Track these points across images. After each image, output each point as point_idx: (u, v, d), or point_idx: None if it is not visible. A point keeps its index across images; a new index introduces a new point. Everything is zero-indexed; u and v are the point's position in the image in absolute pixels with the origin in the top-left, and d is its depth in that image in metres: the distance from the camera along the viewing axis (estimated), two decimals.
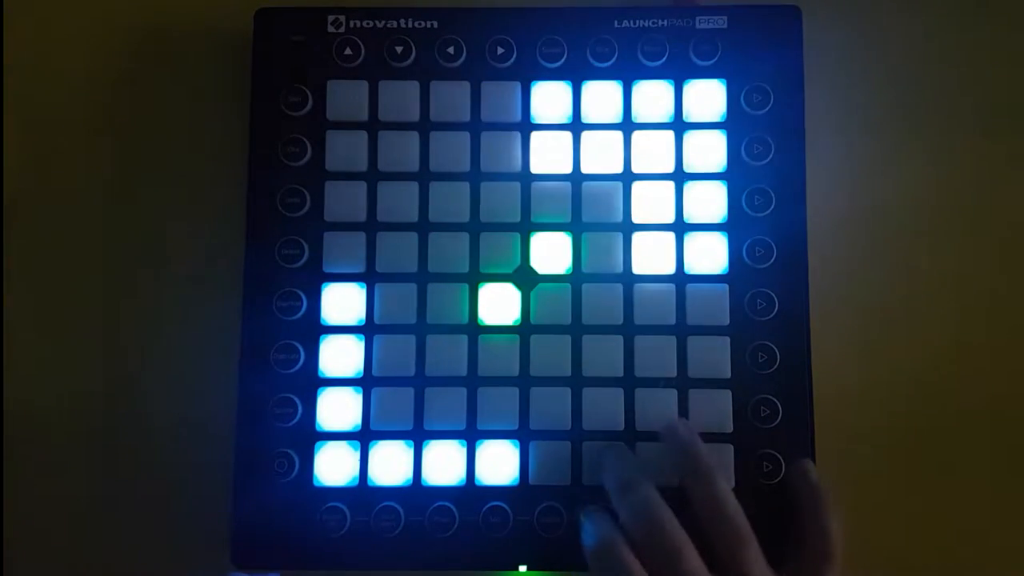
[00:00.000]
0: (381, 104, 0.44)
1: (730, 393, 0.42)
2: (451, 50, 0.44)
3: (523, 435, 0.42)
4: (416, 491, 0.42)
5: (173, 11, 0.48)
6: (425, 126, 0.44)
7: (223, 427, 0.43)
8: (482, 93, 0.44)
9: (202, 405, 0.44)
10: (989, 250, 0.45)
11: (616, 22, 0.44)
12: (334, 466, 0.42)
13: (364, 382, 0.43)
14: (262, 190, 0.43)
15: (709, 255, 0.43)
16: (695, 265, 0.43)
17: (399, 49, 0.44)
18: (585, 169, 0.44)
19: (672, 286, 0.43)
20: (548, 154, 0.44)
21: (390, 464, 0.42)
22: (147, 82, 0.47)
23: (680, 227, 0.43)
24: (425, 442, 0.42)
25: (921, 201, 0.46)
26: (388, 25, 0.44)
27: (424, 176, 0.44)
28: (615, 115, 0.44)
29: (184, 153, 0.46)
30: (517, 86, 0.44)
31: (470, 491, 0.42)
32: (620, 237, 0.43)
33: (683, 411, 0.42)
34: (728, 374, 0.42)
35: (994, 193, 0.46)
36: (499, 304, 0.43)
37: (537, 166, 0.44)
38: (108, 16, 0.48)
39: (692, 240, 0.43)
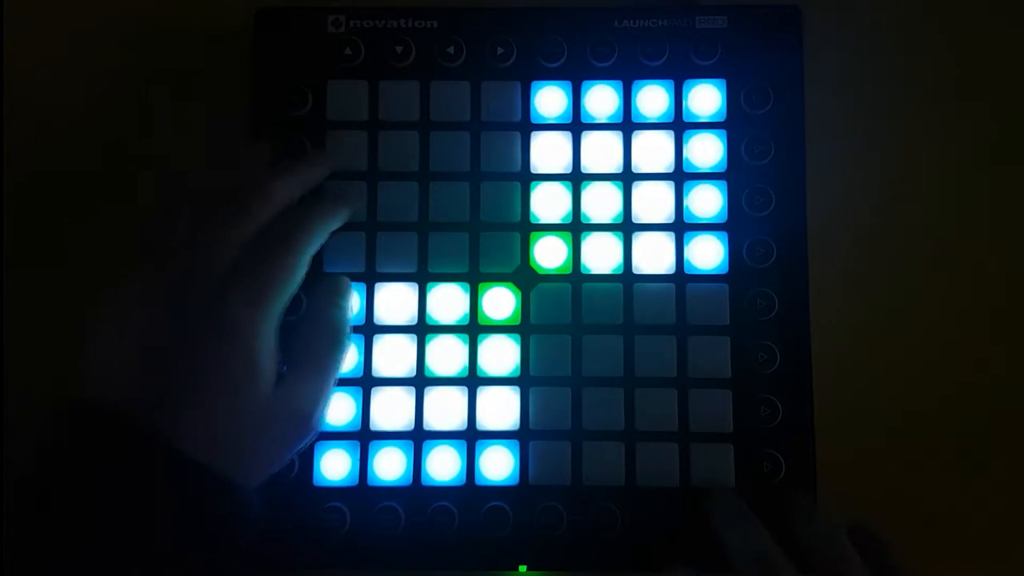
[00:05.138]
0: (381, 104, 0.44)
1: (730, 393, 0.42)
2: (451, 50, 0.44)
3: (523, 435, 0.42)
4: (416, 491, 0.42)
5: (173, 11, 0.48)
6: (425, 126, 0.44)
7: None
8: (482, 93, 0.44)
9: None
10: (989, 249, 0.45)
11: (616, 22, 0.44)
12: (334, 466, 0.42)
13: (364, 382, 0.42)
14: None
15: (709, 255, 0.43)
16: (695, 265, 0.43)
17: (399, 49, 0.44)
18: (585, 169, 0.44)
19: (672, 286, 0.43)
20: (548, 154, 0.44)
21: (390, 464, 0.42)
22: (147, 82, 0.47)
23: (680, 227, 0.43)
24: (425, 442, 0.42)
25: (921, 201, 0.46)
26: (388, 25, 0.44)
27: (424, 176, 0.44)
28: (615, 115, 0.44)
29: (184, 153, 0.46)
30: (517, 86, 0.44)
31: (470, 491, 0.42)
32: (620, 237, 0.43)
33: (683, 411, 0.42)
34: (728, 374, 0.42)
35: (994, 192, 0.46)
36: (499, 304, 0.43)
37: (537, 166, 0.44)
38: (108, 16, 0.47)
39: (692, 240, 0.43)
